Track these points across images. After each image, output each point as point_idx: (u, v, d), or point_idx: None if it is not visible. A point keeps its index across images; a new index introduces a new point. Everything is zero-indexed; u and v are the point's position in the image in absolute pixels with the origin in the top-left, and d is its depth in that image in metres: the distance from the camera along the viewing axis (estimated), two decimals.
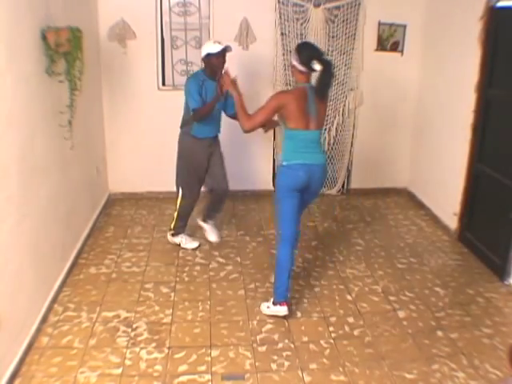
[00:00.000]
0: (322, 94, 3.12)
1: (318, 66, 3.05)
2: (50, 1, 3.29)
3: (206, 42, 4.00)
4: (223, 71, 3.57)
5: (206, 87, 3.78)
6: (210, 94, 3.78)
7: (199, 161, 3.98)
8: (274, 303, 3.28)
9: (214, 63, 3.74)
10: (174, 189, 4.12)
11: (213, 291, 3.59)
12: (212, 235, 4.33)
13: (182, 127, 3.97)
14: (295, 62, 3.11)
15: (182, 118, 3.95)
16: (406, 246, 4.37)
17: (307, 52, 3.11)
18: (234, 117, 3.75)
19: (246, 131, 3.18)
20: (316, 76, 3.14)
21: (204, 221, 4.36)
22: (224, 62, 3.75)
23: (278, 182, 3.24)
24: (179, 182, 4.08)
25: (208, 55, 3.72)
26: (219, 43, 3.72)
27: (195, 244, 4.23)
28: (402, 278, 3.83)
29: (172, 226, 4.21)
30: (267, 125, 3.47)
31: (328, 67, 3.07)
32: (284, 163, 3.16)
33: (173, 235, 4.24)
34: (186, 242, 4.22)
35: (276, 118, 3.29)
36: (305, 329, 3.19)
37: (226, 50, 3.72)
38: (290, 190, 3.16)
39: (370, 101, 5.26)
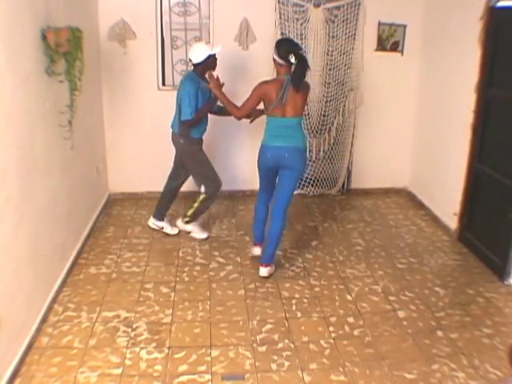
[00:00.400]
0: (297, 85, 3.42)
1: (293, 59, 3.41)
2: (50, 1, 3.28)
3: (195, 45, 3.92)
4: (214, 75, 3.76)
5: (201, 89, 3.83)
6: (205, 96, 3.86)
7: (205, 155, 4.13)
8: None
9: (214, 63, 3.83)
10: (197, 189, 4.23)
11: (213, 291, 3.59)
12: (173, 228, 4.44)
13: (181, 132, 3.96)
14: (275, 56, 3.50)
15: (179, 121, 3.95)
16: (406, 246, 4.37)
17: (285, 47, 3.48)
18: (216, 112, 4.06)
19: (239, 118, 3.64)
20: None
21: (162, 219, 4.44)
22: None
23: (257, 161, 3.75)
24: (201, 180, 4.14)
25: (209, 56, 3.78)
26: (209, 43, 3.87)
27: (205, 235, 4.33)
28: (402, 278, 3.83)
29: (188, 214, 4.26)
30: (253, 114, 3.79)
31: (302, 61, 3.42)
32: (261, 144, 3.65)
33: (187, 222, 4.30)
34: (197, 231, 4.32)
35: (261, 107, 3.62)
36: (305, 329, 3.19)
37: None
38: (262, 168, 3.72)
39: (370, 101, 5.26)
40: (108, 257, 4.02)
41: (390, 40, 5.12)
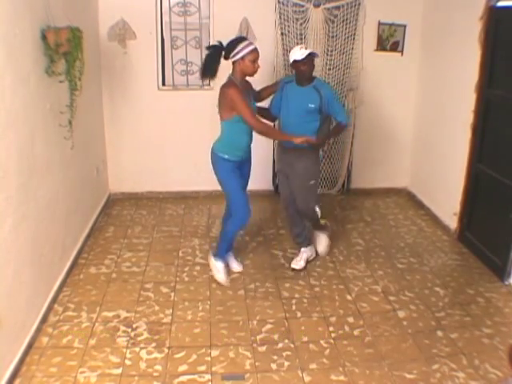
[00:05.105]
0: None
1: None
2: (50, 1, 3.28)
3: (293, 48, 3.72)
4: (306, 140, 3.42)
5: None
6: (287, 101, 3.70)
7: None
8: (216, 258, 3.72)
9: (300, 69, 3.60)
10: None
11: (213, 291, 3.59)
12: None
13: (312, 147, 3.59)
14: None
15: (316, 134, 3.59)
16: (406, 246, 4.37)
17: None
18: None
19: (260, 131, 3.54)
20: None
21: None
22: (309, 68, 3.60)
23: None
24: (315, 202, 3.87)
25: (294, 62, 3.59)
26: (305, 48, 3.60)
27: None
28: (402, 278, 3.83)
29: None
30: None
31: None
32: None
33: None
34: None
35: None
36: (305, 329, 3.19)
37: (311, 55, 3.57)
38: None
39: (370, 101, 5.26)
40: (108, 257, 4.02)
41: (389, 40, 5.12)
